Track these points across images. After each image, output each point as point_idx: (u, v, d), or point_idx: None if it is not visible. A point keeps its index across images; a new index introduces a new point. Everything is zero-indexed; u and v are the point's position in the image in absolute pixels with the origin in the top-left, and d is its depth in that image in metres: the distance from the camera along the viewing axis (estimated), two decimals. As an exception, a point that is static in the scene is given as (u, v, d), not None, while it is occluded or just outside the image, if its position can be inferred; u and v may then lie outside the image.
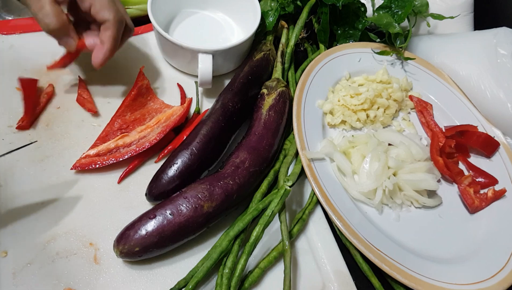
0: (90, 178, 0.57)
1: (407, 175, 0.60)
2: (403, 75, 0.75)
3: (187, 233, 0.51)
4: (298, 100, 0.65)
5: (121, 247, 0.48)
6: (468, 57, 0.73)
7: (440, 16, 0.78)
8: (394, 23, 0.72)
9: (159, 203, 0.52)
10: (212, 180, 0.53)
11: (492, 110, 0.70)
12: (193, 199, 0.51)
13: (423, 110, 0.71)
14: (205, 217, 0.51)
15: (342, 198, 0.58)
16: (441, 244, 0.59)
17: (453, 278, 0.54)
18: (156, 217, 0.49)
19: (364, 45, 0.77)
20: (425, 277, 0.53)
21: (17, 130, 0.59)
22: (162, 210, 0.50)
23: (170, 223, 0.49)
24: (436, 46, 0.77)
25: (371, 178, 0.58)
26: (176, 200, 0.51)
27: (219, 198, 0.52)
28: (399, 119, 0.72)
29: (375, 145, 0.61)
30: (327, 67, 0.71)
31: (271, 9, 0.75)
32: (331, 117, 0.67)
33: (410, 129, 0.70)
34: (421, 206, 0.61)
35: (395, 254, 0.54)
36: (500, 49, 0.70)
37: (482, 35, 0.75)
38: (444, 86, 0.75)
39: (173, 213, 0.50)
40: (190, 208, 0.50)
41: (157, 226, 0.49)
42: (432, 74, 0.76)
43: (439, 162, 0.63)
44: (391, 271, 0.51)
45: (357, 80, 0.73)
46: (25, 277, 0.48)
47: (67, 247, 0.51)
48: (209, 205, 0.51)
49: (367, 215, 0.58)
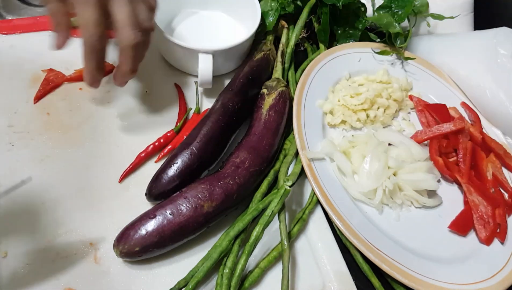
0: (91, 178, 0.57)
1: (407, 175, 0.59)
2: (403, 75, 0.75)
3: (187, 233, 0.51)
4: (298, 100, 0.64)
5: (121, 247, 0.48)
6: (468, 57, 0.73)
7: (440, 16, 0.78)
8: (394, 23, 0.72)
9: (159, 203, 0.52)
10: (212, 180, 0.53)
11: (492, 110, 0.70)
12: (193, 199, 0.51)
13: (423, 110, 0.71)
14: (205, 217, 0.51)
15: (342, 198, 0.58)
16: (441, 244, 0.59)
17: (454, 278, 0.54)
18: (156, 217, 0.49)
19: (364, 45, 0.77)
20: (426, 277, 0.53)
21: (17, 130, 0.59)
22: (162, 210, 0.50)
23: (170, 223, 0.49)
24: (436, 46, 0.78)
25: (371, 178, 0.58)
26: (176, 200, 0.51)
27: (219, 198, 0.52)
28: (399, 119, 0.72)
29: (375, 145, 0.61)
30: (327, 67, 0.71)
31: (271, 9, 0.75)
32: (331, 117, 0.67)
33: (410, 129, 0.70)
34: (421, 206, 0.61)
35: (396, 254, 0.54)
36: (500, 49, 0.70)
37: (482, 35, 0.75)
38: (444, 86, 0.76)
39: (173, 213, 0.50)
40: (190, 208, 0.50)
41: (157, 226, 0.49)
42: (432, 74, 0.77)
43: (438, 162, 0.63)
44: (392, 271, 0.51)
45: (357, 80, 0.73)
46: (25, 277, 0.48)
47: (67, 247, 0.51)
48: (209, 205, 0.51)
49: (367, 215, 0.58)
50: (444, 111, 0.69)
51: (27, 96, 0.62)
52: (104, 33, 0.48)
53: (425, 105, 0.71)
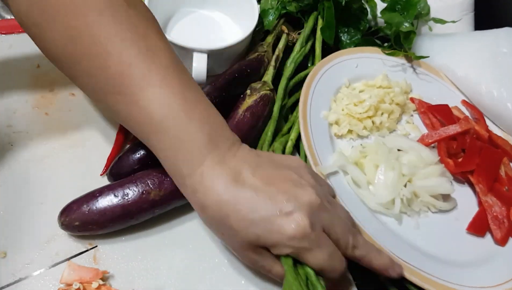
0: (91, 178, 0.57)
1: (422, 181, 0.59)
2: (402, 77, 0.75)
3: (129, 216, 0.51)
4: (304, 114, 0.63)
5: (62, 219, 0.50)
6: (469, 56, 0.73)
7: (442, 20, 0.78)
8: (404, 21, 0.72)
9: (110, 184, 0.52)
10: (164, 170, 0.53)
11: (493, 109, 0.70)
12: (141, 184, 0.51)
13: (426, 111, 0.71)
14: (150, 204, 0.51)
15: (359, 209, 0.57)
16: (462, 247, 0.58)
17: (478, 280, 0.54)
18: (102, 196, 0.50)
19: (358, 50, 0.76)
20: (452, 283, 0.53)
21: (16, 130, 0.59)
22: (110, 191, 0.51)
23: (114, 204, 0.50)
24: (437, 46, 0.77)
25: (388, 189, 0.57)
26: (125, 183, 0.51)
27: (169, 188, 0.51)
28: (403, 122, 0.72)
29: (386, 153, 0.60)
30: (326, 77, 0.70)
31: (271, 7, 0.74)
32: (338, 127, 0.66)
33: (416, 132, 0.70)
34: (437, 210, 0.61)
35: (420, 263, 0.53)
36: (501, 47, 0.71)
37: (483, 35, 0.75)
38: (443, 85, 0.75)
39: (118, 195, 0.50)
40: (136, 192, 0.51)
41: (100, 205, 0.50)
42: (429, 74, 0.76)
43: (449, 164, 0.63)
44: (422, 283, 0.51)
45: (357, 87, 0.72)
46: (25, 277, 0.48)
47: (67, 247, 0.51)
48: (156, 193, 0.51)
49: (387, 225, 0.58)
50: (447, 111, 0.69)
51: (27, 96, 0.63)
52: None
53: (427, 107, 0.71)
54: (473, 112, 0.72)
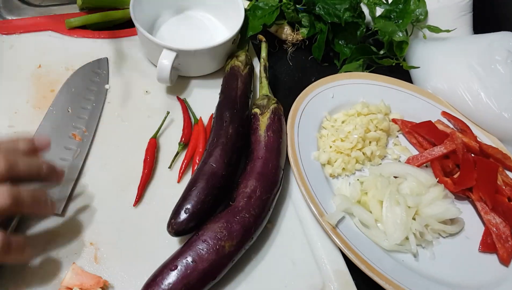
0: (90, 178, 0.58)
1: (428, 209, 0.58)
2: (378, 98, 0.73)
3: (213, 277, 0.48)
4: (294, 159, 0.61)
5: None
6: (464, 62, 0.73)
7: (437, 28, 0.78)
8: (398, 31, 0.73)
9: (178, 251, 0.49)
10: (228, 217, 0.51)
11: (485, 117, 0.70)
12: (212, 241, 0.49)
13: (410, 131, 0.70)
14: (228, 258, 0.49)
15: (372, 250, 0.56)
16: (478, 266, 0.58)
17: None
18: (178, 268, 0.47)
19: (330, 80, 0.74)
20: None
21: (17, 130, 0.59)
22: (183, 259, 0.47)
23: (194, 271, 0.47)
24: (432, 51, 0.77)
25: (399, 228, 0.56)
26: (195, 245, 0.48)
27: (239, 234, 0.50)
28: (390, 145, 0.70)
29: (386, 185, 0.59)
30: (306, 114, 0.68)
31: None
32: (331, 168, 0.64)
33: (405, 153, 0.69)
34: (448, 234, 0.60)
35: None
36: (495, 54, 0.71)
37: (478, 40, 0.75)
38: (419, 99, 0.75)
39: (194, 259, 0.47)
40: (211, 251, 0.48)
41: (181, 277, 0.46)
42: (403, 90, 0.75)
43: (448, 183, 0.62)
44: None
45: (338, 118, 0.70)
46: (25, 277, 0.48)
47: (67, 246, 0.51)
48: (230, 244, 0.49)
49: (404, 263, 0.56)
50: (431, 128, 0.69)
51: (27, 96, 0.63)
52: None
53: (411, 127, 0.70)
54: (457, 123, 0.72)
